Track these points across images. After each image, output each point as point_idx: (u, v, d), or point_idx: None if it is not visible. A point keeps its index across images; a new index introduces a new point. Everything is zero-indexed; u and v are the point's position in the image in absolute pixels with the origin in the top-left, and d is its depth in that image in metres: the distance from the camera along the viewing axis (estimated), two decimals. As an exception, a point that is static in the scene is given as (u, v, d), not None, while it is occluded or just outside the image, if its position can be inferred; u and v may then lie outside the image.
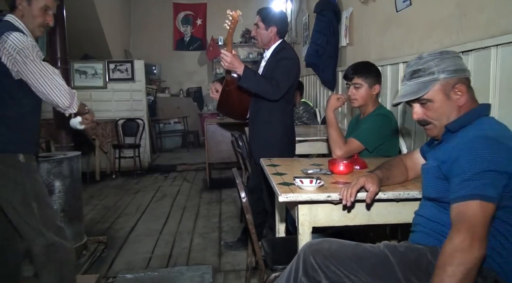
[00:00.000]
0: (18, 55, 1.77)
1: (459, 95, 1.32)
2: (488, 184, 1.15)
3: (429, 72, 1.32)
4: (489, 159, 1.16)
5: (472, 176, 1.17)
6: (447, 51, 1.36)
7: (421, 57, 1.37)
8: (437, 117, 1.36)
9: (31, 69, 1.80)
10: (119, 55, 7.47)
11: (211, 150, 5.10)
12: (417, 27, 2.48)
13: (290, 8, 6.73)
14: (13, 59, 1.77)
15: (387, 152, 2.24)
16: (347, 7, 3.88)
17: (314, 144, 3.24)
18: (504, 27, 1.72)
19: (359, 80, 2.26)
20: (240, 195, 1.75)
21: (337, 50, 4.13)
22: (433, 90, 1.32)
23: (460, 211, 1.16)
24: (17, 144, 1.88)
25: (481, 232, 1.12)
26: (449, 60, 1.32)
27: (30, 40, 1.84)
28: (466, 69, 1.35)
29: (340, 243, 1.36)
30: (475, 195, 1.15)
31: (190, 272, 2.74)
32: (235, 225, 3.73)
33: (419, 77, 1.34)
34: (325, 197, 1.54)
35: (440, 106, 1.34)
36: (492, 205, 1.15)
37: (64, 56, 3.13)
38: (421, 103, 1.36)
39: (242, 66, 2.43)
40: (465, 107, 1.33)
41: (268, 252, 1.93)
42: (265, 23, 2.66)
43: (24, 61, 1.78)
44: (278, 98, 2.54)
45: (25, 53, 1.78)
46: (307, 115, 4.41)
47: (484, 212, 1.14)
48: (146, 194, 4.97)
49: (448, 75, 1.31)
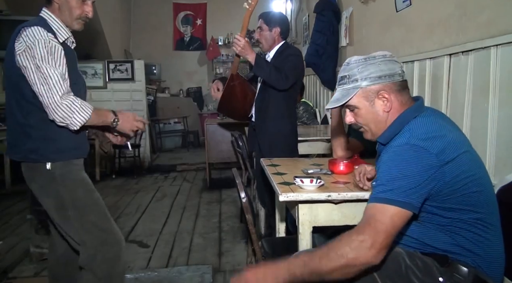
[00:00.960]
0: (25, 52, 1.59)
1: (384, 102, 1.30)
2: (403, 190, 1.14)
3: (353, 79, 1.32)
4: (407, 167, 1.15)
5: (388, 181, 1.16)
6: (374, 56, 1.32)
7: (348, 63, 1.36)
8: (366, 123, 1.36)
9: (30, 71, 1.59)
10: (119, 55, 7.47)
11: (211, 150, 5.11)
12: (417, 27, 2.48)
13: (290, 8, 6.73)
14: (22, 56, 1.59)
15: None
16: (347, 7, 3.88)
17: (314, 144, 3.24)
18: (504, 27, 1.72)
19: None
20: (240, 195, 1.75)
21: (337, 50, 4.13)
22: (355, 97, 1.32)
23: (369, 213, 1.15)
24: (43, 154, 1.69)
25: (383, 240, 1.11)
26: (373, 66, 1.29)
27: (49, 38, 1.61)
28: (394, 74, 1.29)
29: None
30: (385, 199, 1.14)
31: (190, 272, 2.74)
32: (235, 225, 3.73)
33: (344, 84, 1.34)
34: (325, 197, 1.54)
35: (366, 112, 1.33)
36: (405, 211, 1.13)
37: (64, 56, 3.12)
38: (349, 109, 1.37)
39: (254, 54, 2.51)
40: (394, 112, 1.31)
41: (268, 252, 1.93)
42: (268, 25, 2.72)
43: (27, 58, 1.59)
44: (285, 87, 2.58)
45: (33, 52, 1.58)
46: (307, 115, 4.41)
47: (392, 218, 1.12)
48: (146, 194, 4.97)
49: (370, 82, 1.29)
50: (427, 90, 2.33)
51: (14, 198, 4.72)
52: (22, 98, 1.67)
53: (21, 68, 1.61)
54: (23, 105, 1.68)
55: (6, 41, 1.70)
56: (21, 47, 1.60)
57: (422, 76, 2.38)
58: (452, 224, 1.21)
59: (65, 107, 1.59)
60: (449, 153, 1.17)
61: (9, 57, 1.65)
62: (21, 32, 1.62)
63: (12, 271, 2.81)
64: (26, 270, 2.82)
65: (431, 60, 2.30)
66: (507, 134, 1.74)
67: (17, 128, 1.71)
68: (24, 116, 1.68)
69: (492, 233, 1.23)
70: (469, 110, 1.97)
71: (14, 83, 1.68)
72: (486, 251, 1.22)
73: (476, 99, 1.92)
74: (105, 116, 1.74)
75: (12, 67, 1.64)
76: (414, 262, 1.23)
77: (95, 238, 1.75)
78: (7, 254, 3.09)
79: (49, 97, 1.58)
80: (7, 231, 3.67)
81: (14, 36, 1.64)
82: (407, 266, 1.23)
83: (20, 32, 1.62)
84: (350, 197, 1.55)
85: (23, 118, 1.68)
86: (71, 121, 1.61)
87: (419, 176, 1.15)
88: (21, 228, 3.70)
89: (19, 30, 1.64)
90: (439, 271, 1.21)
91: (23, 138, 1.70)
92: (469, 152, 1.24)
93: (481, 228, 1.21)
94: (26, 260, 2.96)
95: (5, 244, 3.27)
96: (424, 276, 1.21)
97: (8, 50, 1.66)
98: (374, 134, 1.38)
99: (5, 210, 4.32)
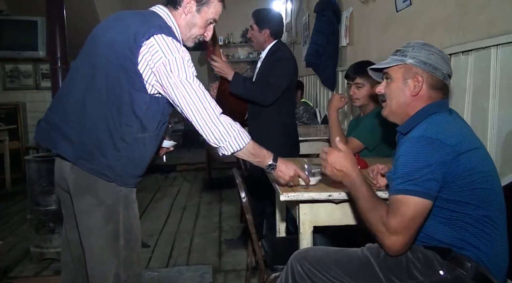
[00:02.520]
0: (161, 66, 1.36)
1: (415, 85, 1.35)
2: (422, 181, 1.19)
3: (403, 54, 1.37)
4: (423, 159, 1.20)
5: (408, 172, 1.21)
6: (434, 47, 1.37)
7: (409, 42, 1.41)
8: (390, 97, 1.41)
9: (178, 91, 1.38)
10: (119, 55, 7.46)
11: (211, 150, 5.10)
12: (417, 27, 2.48)
13: (290, 8, 6.74)
14: (155, 69, 1.37)
15: (387, 152, 2.24)
16: (347, 7, 3.88)
17: (314, 144, 3.24)
18: (504, 27, 1.72)
19: (361, 80, 2.27)
20: (240, 195, 1.75)
21: (337, 50, 4.13)
22: (396, 68, 1.38)
23: (395, 203, 1.21)
24: (121, 175, 1.45)
25: (411, 226, 1.19)
26: (426, 52, 1.34)
27: (183, 51, 1.41)
28: (438, 68, 1.33)
29: (325, 250, 1.40)
30: (409, 190, 1.19)
31: (190, 272, 2.74)
32: (235, 225, 3.73)
33: (394, 56, 1.40)
34: (326, 196, 1.54)
35: (396, 87, 1.39)
36: (426, 201, 1.19)
37: (64, 56, 3.12)
38: (386, 77, 1.42)
39: (232, 72, 2.50)
40: (419, 101, 1.36)
41: (268, 252, 1.93)
42: (258, 25, 2.68)
43: (168, 76, 1.36)
44: (269, 103, 2.55)
45: (171, 68, 1.36)
46: (307, 116, 4.41)
47: (415, 209, 1.18)
48: (146, 194, 4.96)
49: (414, 62, 1.34)
50: (427, 90, 2.33)
51: (14, 198, 4.72)
52: (129, 107, 1.40)
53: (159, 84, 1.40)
54: (126, 115, 1.41)
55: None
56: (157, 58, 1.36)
57: (422, 76, 2.38)
58: (459, 218, 1.24)
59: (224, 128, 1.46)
60: (464, 146, 1.22)
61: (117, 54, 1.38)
62: (152, 37, 1.36)
63: (12, 271, 2.81)
64: (26, 270, 2.82)
65: (431, 60, 2.30)
66: (507, 135, 1.74)
67: (102, 135, 1.41)
68: (121, 127, 1.41)
69: (498, 231, 1.25)
70: (469, 110, 1.97)
71: (116, 88, 1.39)
72: (490, 247, 1.24)
73: (476, 99, 1.92)
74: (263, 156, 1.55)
75: (120, 70, 1.38)
76: (416, 255, 1.26)
77: (133, 276, 1.50)
78: (7, 254, 3.09)
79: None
80: (7, 231, 3.67)
81: (131, 37, 1.37)
82: (408, 259, 1.26)
83: (150, 37, 1.36)
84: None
85: (119, 128, 1.40)
86: (226, 145, 1.47)
87: (435, 165, 1.19)
88: (21, 228, 3.70)
89: (144, 32, 1.36)
90: (440, 264, 1.24)
91: (105, 148, 1.41)
92: (482, 149, 1.29)
93: (487, 225, 1.24)
94: (26, 260, 2.96)
95: (5, 244, 3.27)
96: (425, 269, 1.24)
97: (113, 48, 1.39)
98: (391, 113, 1.43)
99: (5, 210, 4.32)
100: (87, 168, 1.41)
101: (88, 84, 1.42)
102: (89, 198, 1.43)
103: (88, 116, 1.41)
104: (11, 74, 6.12)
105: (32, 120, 6.07)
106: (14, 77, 6.13)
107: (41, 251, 2.88)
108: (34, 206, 2.86)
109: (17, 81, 6.14)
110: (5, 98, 5.98)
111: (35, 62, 6.03)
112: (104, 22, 1.51)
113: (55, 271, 2.76)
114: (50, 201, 2.83)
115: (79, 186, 1.44)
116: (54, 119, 1.47)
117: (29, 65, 6.09)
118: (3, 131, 5.02)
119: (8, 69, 6.09)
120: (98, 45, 1.44)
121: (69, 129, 1.43)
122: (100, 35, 1.45)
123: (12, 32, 5.47)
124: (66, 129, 1.43)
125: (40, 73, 6.14)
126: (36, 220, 2.85)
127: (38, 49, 5.60)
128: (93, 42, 1.47)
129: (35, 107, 6.14)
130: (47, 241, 2.86)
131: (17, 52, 5.60)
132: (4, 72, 6.09)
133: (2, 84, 6.11)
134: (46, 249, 2.87)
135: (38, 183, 2.82)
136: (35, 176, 2.82)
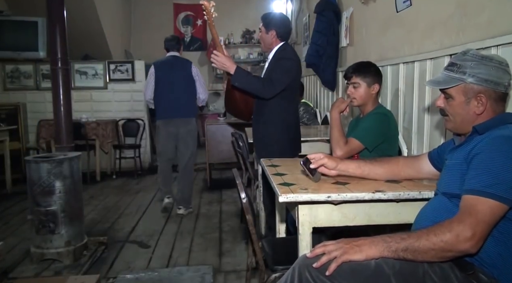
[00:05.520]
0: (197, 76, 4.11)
1: (479, 105, 1.31)
2: (503, 184, 1.14)
3: (462, 71, 1.32)
4: (508, 161, 1.16)
5: (489, 172, 1.17)
6: (491, 58, 1.32)
7: (465, 53, 1.36)
8: (453, 115, 1.38)
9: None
10: (120, 55, 7.47)
11: (211, 150, 5.11)
12: (417, 28, 2.48)
13: (291, 9, 6.73)
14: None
15: (387, 151, 2.24)
16: (348, 7, 3.88)
17: (314, 144, 3.24)
18: (504, 27, 1.71)
19: (357, 80, 2.28)
20: (240, 195, 1.75)
21: (338, 51, 4.13)
22: (456, 89, 1.34)
23: (470, 204, 1.17)
24: (195, 113, 4.25)
25: (483, 231, 1.13)
26: (485, 68, 1.30)
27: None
28: (500, 83, 1.30)
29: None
30: (489, 193, 1.15)
31: (191, 272, 2.74)
32: (236, 225, 3.74)
33: (451, 72, 1.35)
34: (325, 197, 1.54)
35: (458, 106, 1.35)
36: (503, 206, 1.15)
37: (65, 56, 3.12)
38: (444, 95, 1.39)
39: (234, 66, 2.51)
40: (484, 117, 1.32)
41: (269, 252, 1.93)
42: (265, 27, 2.76)
43: (197, 75, 4.11)
44: (270, 96, 2.58)
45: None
46: (308, 116, 4.41)
47: (492, 211, 1.14)
48: (147, 194, 4.97)
49: (475, 81, 1.30)
50: (427, 91, 2.33)
51: (15, 199, 4.72)
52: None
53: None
54: (190, 85, 4.10)
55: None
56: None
57: (423, 76, 2.38)
58: (499, 229, 1.20)
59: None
60: None
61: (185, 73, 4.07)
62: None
63: (12, 272, 2.80)
64: (27, 270, 2.82)
65: (431, 61, 2.30)
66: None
67: (190, 100, 4.09)
68: (193, 94, 4.10)
69: None
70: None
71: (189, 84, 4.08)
72: None
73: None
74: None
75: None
76: (432, 268, 1.23)
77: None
78: (7, 254, 3.09)
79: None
80: (8, 232, 3.68)
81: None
82: (424, 271, 1.23)
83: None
84: (350, 198, 1.54)
85: (193, 96, 4.10)
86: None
87: None
88: (21, 229, 3.70)
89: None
90: (457, 278, 1.21)
91: (190, 103, 4.09)
92: None
93: None
94: (27, 260, 2.96)
95: (5, 244, 3.27)
96: (441, 282, 1.21)
97: (183, 71, 4.09)
98: (456, 129, 1.41)
99: (6, 211, 4.33)
100: (185, 114, 4.18)
101: (182, 87, 4.40)
102: (189, 127, 4.20)
103: (177, 95, 4.20)
104: (12, 74, 6.13)
105: (33, 121, 6.08)
106: (15, 77, 6.14)
107: (41, 251, 2.88)
108: (34, 207, 2.85)
109: (17, 82, 6.15)
110: (5, 99, 5.99)
111: (36, 62, 6.04)
112: None
113: (56, 272, 2.77)
114: (50, 202, 2.83)
115: (184, 126, 4.22)
116: None
117: (30, 66, 6.10)
118: (3, 132, 5.02)
119: (9, 69, 6.10)
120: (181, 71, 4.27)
121: (179, 103, 4.19)
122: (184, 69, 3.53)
123: (13, 33, 5.48)
124: (178, 103, 4.17)
125: (41, 74, 6.15)
126: (37, 221, 2.85)
127: (39, 49, 5.61)
128: None
129: (35, 108, 6.15)
130: (48, 242, 2.86)
131: (17, 52, 5.61)
132: (4, 73, 6.10)
133: (3, 84, 6.12)
134: (46, 249, 2.87)
135: (38, 183, 2.82)
136: (35, 176, 2.82)
